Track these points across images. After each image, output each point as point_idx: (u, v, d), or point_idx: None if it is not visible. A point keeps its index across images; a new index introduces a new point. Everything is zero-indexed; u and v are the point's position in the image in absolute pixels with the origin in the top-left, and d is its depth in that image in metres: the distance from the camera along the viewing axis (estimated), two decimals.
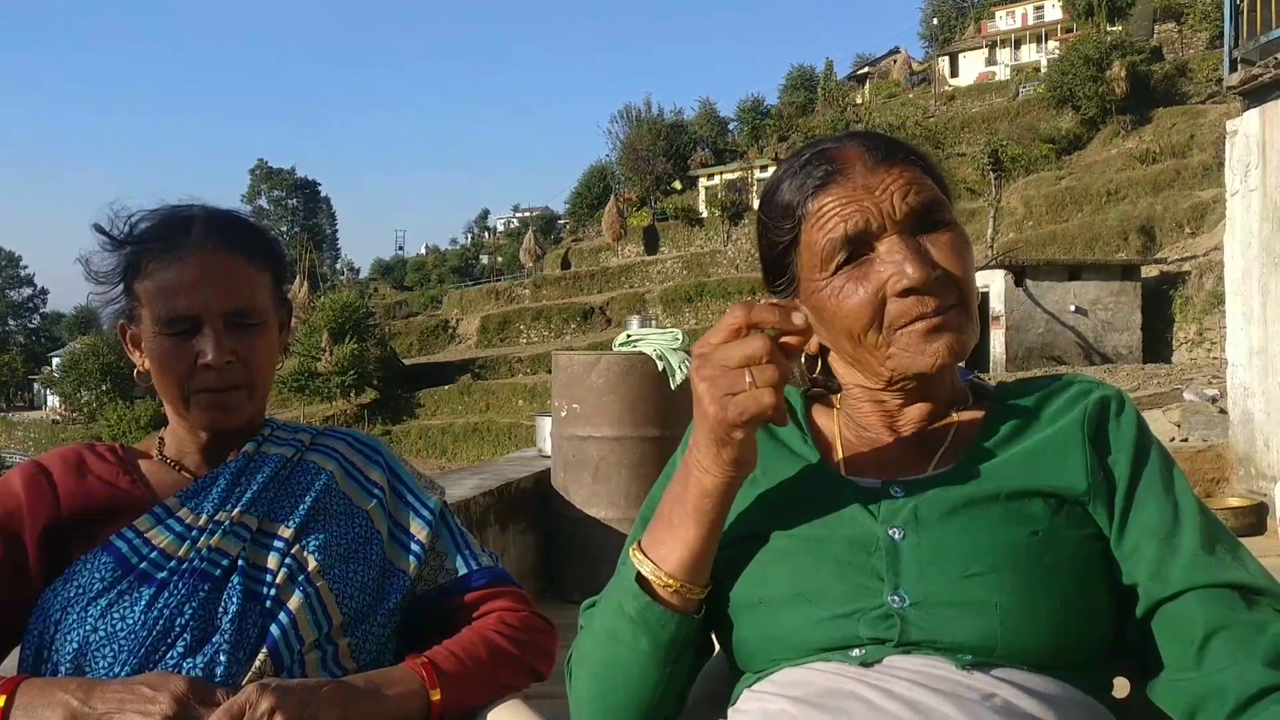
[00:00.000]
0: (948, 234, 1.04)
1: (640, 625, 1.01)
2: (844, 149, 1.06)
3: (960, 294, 1.03)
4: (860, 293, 1.02)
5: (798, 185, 1.06)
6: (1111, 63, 36.05)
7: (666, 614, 1.00)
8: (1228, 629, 0.92)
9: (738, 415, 0.90)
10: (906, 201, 1.02)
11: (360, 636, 1.22)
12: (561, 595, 5.23)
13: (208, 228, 1.26)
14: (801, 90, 55.28)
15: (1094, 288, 23.80)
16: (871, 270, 1.02)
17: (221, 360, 1.22)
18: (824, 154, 1.07)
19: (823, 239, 1.03)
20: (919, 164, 1.06)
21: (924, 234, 1.03)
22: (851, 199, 1.02)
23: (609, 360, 5.25)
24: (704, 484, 0.97)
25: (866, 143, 1.06)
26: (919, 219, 1.03)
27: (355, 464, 1.34)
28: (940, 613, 0.94)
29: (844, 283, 1.03)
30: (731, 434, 0.92)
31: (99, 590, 1.15)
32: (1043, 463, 1.01)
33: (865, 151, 1.05)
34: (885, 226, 1.02)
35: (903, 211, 1.02)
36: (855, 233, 1.02)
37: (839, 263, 1.03)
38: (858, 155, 1.05)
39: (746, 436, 0.94)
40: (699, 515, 0.98)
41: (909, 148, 1.07)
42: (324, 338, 36.18)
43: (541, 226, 68.98)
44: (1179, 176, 31.05)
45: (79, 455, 1.28)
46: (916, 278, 0.99)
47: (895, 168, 1.03)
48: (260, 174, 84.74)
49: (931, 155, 1.11)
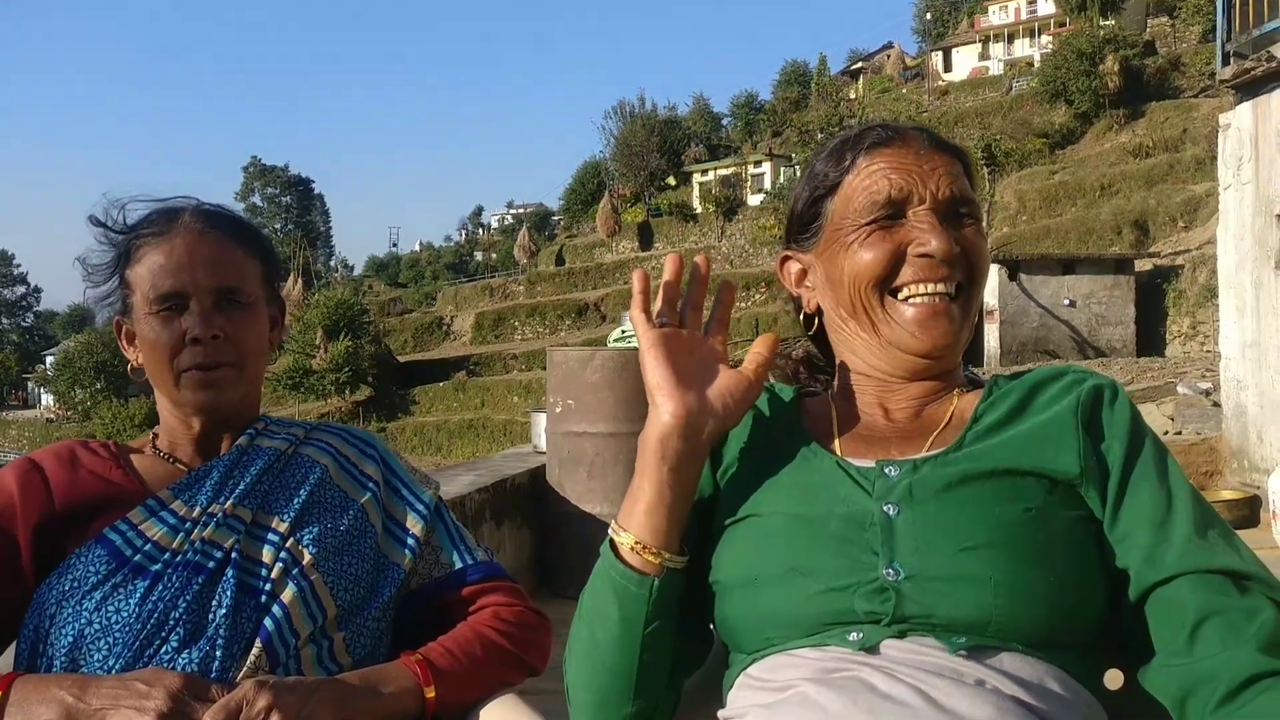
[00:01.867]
0: (973, 227, 1.12)
1: (614, 595, 1.04)
2: (905, 129, 1.15)
3: (970, 279, 1.09)
4: (882, 246, 1.08)
5: (856, 139, 1.15)
6: (1104, 57, 36.08)
7: (633, 576, 1.02)
8: (1219, 614, 0.92)
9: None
10: (950, 188, 1.09)
11: (355, 630, 1.22)
12: (556, 591, 5.24)
13: (197, 214, 1.29)
14: (795, 85, 55.32)
15: (1088, 282, 23.83)
16: (899, 232, 1.09)
17: (208, 334, 1.23)
18: (886, 126, 1.16)
19: (866, 190, 1.10)
20: (964, 166, 1.14)
21: (953, 222, 1.09)
22: (903, 165, 1.10)
23: (604, 356, 5.25)
24: (648, 439, 1.03)
25: (925, 131, 1.16)
26: (953, 206, 1.09)
27: (349, 458, 1.35)
28: (935, 587, 0.95)
29: (870, 233, 1.09)
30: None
31: (93, 583, 1.15)
32: (1036, 446, 1.03)
33: (924, 134, 1.14)
34: (925, 200, 1.08)
35: (944, 194, 1.09)
36: (898, 196, 1.09)
37: (875, 217, 1.09)
38: (916, 135, 1.14)
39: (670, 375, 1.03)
40: (655, 474, 1.03)
41: (957, 147, 1.16)
42: (318, 335, 36.12)
43: (536, 223, 68.97)
44: (1172, 170, 31.10)
45: (71, 450, 1.28)
46: (939, 247, 1.06)
47: (945, 155, 1.12)
48: (253, 171, 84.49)
49: (971, 162, 1.19)
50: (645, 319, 1.06)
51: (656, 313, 1.07)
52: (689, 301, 1.08)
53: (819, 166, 1.16)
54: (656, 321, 1.06)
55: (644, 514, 1.03)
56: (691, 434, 1.03)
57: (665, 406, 1.03)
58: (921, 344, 1.07)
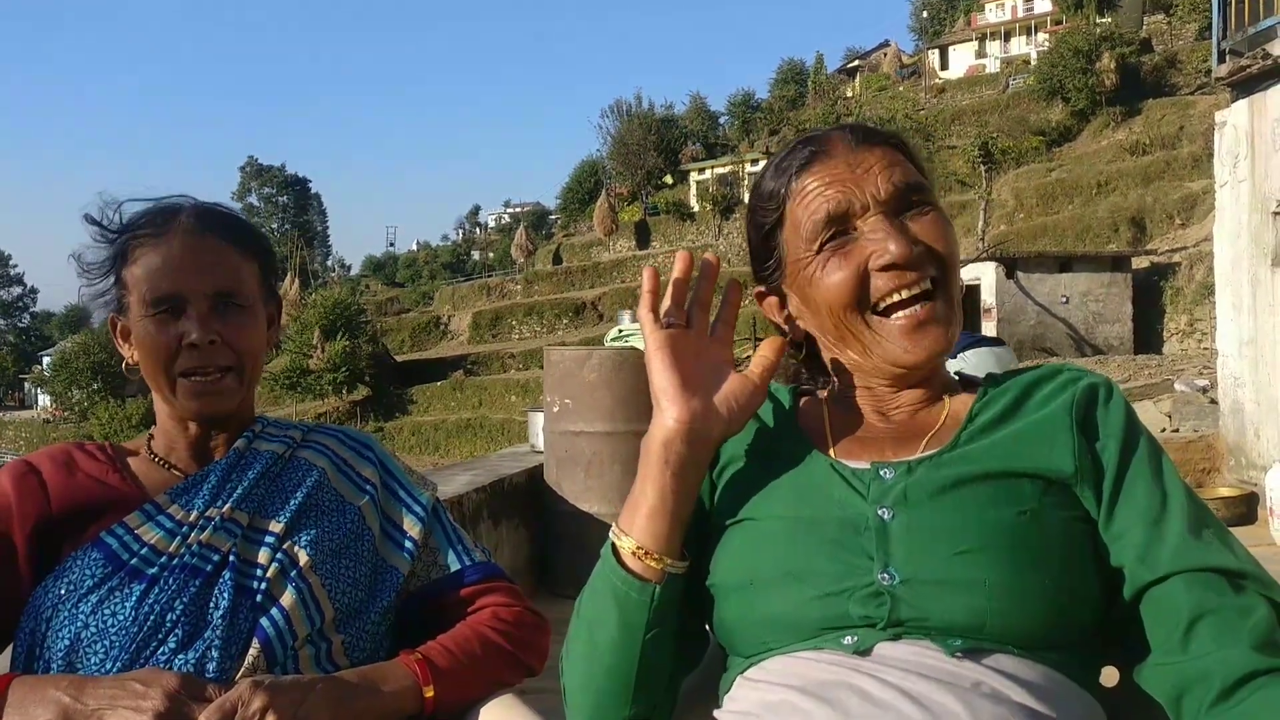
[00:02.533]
0: (930, 213, 1.08)
1: (614, 599, 1.03)
2: (827, 134, 1.12)
3: (942, 271, 1.07)
4: (843, 269, 1.06)
5: (783, 168, 1.12)
6: (1101, 55, 36.12)
7: (634, 581, 1.02)
8: (1214, 613, 0.92)
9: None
10: (890, 181, 1.06)
11: (354, 634, 1.22)
12: (554, 590, 5.23)
13: (194, 214, 1.28)
14: (792, 84, 55.28)
15: (1085, 279, 23.86)
16: (855, 248, 1.06)
17: (205, 339, 1.22)
18: (808, 139, 1.13)
19: (807, 218, 1.07)
20: (898, 148, 1.11)
21: (906, 214, 1.07)
22: (835, 178, 1.07)
23: (601, 355, 5.25)
24: (652, 443, 1.03)
25: (849, 129, 1.12)
26: (901, 199, 1.07)
27: (347, 460, 1.34)
28: (930, 590, 0.95)
29: (828, 258, 1.07)
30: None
31: (90, 587, 1.15)
32: (1030, 445, 1.02)
33: (848, 134, 1.11)
34: (868, 206, 1.06)
35: (886, 191, 1.06)
36: (839, 212, 1.06)
37: (823, 241, 1.07)
38: (839, 137, 1.10)
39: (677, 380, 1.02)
40: (658, 478, 1.02)
41: (887, 133, 1.13)
42: (316, 335, 36.10)
43: (533, 222, 68.91)
44: (1169, 168, 31.13)
45: (68, 453, 1.28)
46: (898, 253, 1.03)
47: (876, 149, 1.09)
48: (250, 171, 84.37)
49: (911, 141, 1.15)
50: (653, 319, 1.04)
51: (664, 312, 1.05)
52: (696, 300, 1.07)
53: (760, 197, 1.14)
54: (664, 321, 1.05)
55: (646, 519, 1.03)
56: (696, 439, 1.02)
57: (670, 411, 1.02)
58: (915, 357, 1.06)
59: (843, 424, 1.13)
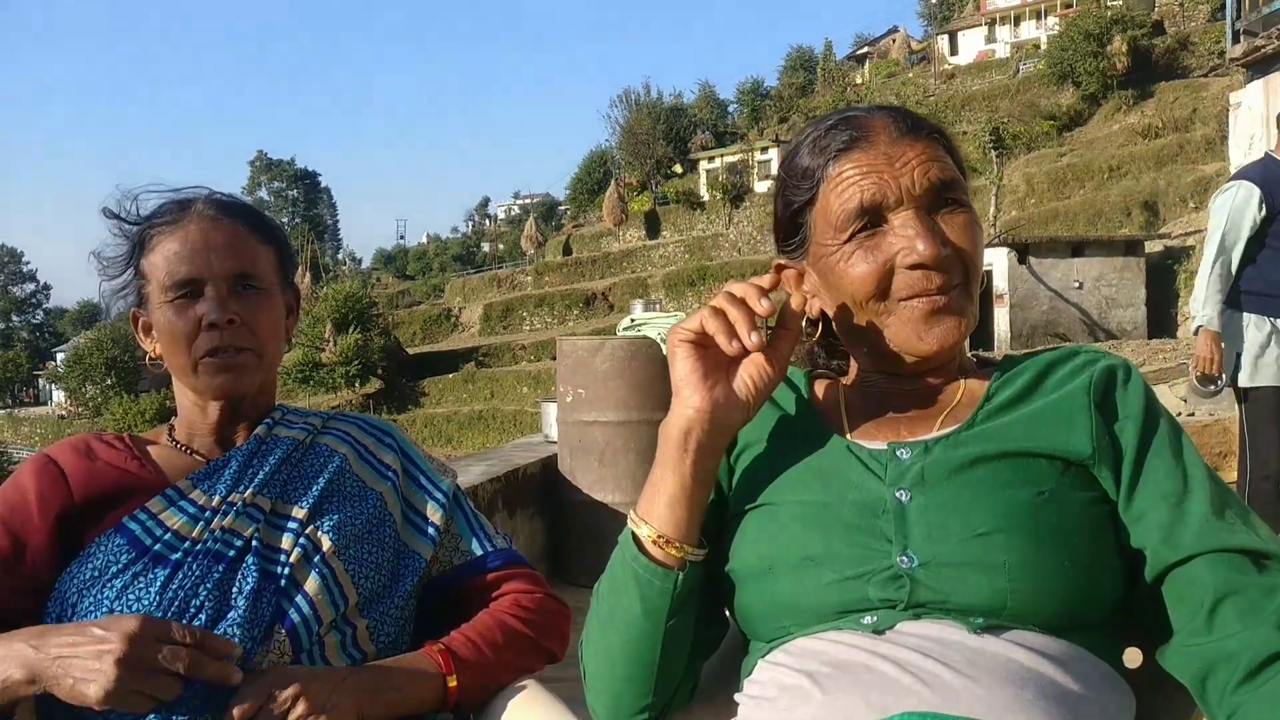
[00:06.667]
0: (962, 214, 1.06)
1: (636, 587, 1.03)
2: (870, 118, 1.07)
3: (966, 274, 1.05)
4: (869, 261, 1.04)
5: (821, 147, 1.08)
6: (1112, 38, 35.82)
7: (656, 569, 1.02)
8: (1238, 593, 0.92)
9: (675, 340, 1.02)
10: (927, 177, 1.03)
11: (378, 618, 1.23)
12: (569, 579, 5.24)
13: (210, 202, 1.30)
14: (801, 71, 55.03)
15: (1098, 264, 23.72)
16: (884, 241, 1.04)
17: (224, 319, 1.23)
18: (850, 120, 1.08)
19: (839, 206, 1.05)
20: (942, 142, 1.07)
21: (939, 211, 1.04)
22: (872, 169, 1.04)
23: (613, 345, 5.24)
24: (671, 430, 1.02)
25: (893, 115, 1.08)
26: (935, 196, 1.04)
27: (368, 447, 1.35)
28: (949, 572, 0.94)
29: (855, 249, 1.05)
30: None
31: (114, 572, 1.16)
32: (1048, 426, 1.02)
33: (891, 122, 1.06)
34: (902, 200, 1.03)
35: (922, 187, 1.03)
36: (871, 205, 1.03)
37: (853, 231, 1.05)
38: (883, 125, 1.06)
39: (702, 376, 1.01)
40: (677, 465, 1.02)
41: (934, 125, 1.09)
42: (327, 328, 36.17)
43: (542, 213, 68.98)
44: (1182, 151, 30.88)
45: (87, 443, 1.29)
46: (927, 254, 1.01)
47: (919, 142, 1.05)
48: (260, 165, 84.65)
49: (953, 136, 1.12)
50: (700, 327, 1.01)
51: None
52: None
53: (792, 174, 1.10)
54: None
55: (666, 506, 1.02)
56: (716, 427, 1.02)
57: (691, 400, 1.01)
58: (929, 346, 1.04)
59: (859, 405, 1.12)
